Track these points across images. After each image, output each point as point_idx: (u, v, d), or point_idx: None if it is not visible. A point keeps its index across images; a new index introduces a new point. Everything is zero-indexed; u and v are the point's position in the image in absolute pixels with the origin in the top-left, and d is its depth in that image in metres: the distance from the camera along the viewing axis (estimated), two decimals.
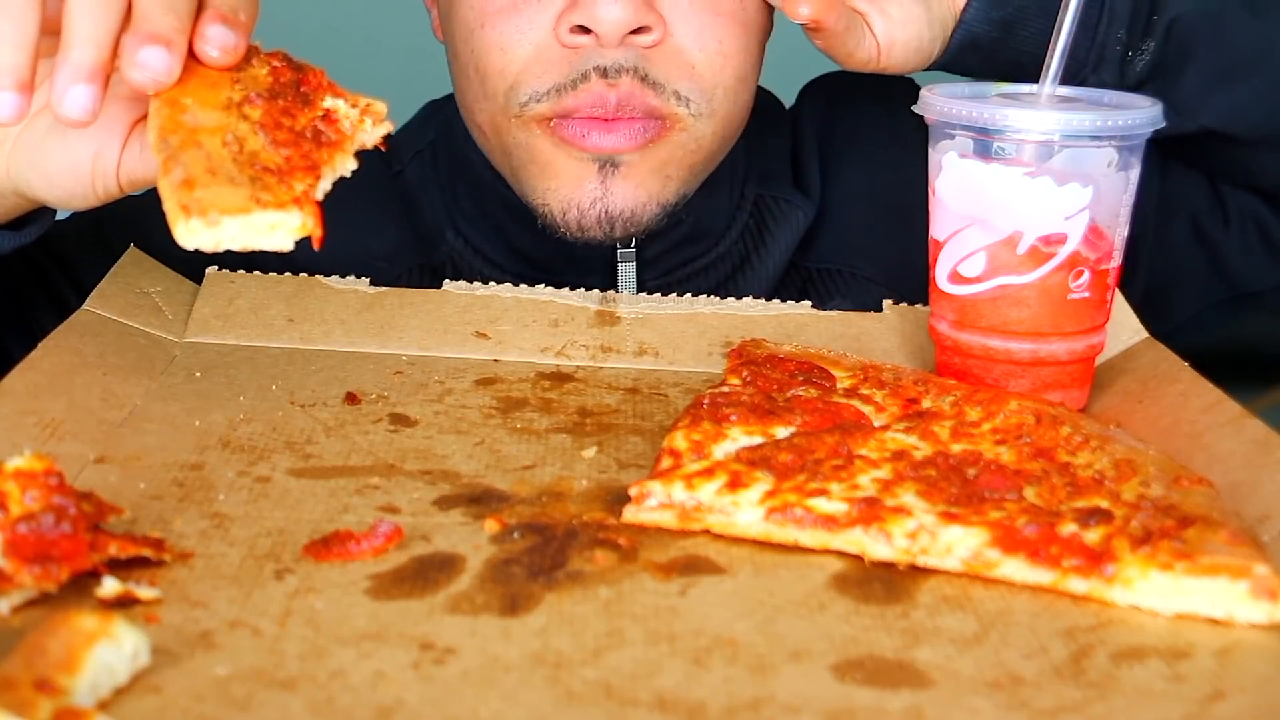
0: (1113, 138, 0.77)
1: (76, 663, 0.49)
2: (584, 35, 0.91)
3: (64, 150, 0.74)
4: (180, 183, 0.63)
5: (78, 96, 0.66)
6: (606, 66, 0.91)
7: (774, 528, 0.65)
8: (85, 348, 0.81)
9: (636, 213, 0.95)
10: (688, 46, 0.94)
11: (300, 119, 0.69)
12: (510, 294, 0.94)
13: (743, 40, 0.96)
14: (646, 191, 0.95)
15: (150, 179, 0.72)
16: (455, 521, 0.66)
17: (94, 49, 0.66)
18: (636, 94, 0.92)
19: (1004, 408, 0.73)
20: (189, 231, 0.62)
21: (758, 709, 0.52)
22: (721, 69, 0.95)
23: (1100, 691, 0.54)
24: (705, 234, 1.06)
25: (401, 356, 0.87)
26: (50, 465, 0.58)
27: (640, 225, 0.96)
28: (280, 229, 0.64)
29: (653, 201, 0.96)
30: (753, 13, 0.96)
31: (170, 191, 0.63)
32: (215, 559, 0.61)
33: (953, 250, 0.81)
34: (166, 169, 0.64)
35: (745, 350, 0.82)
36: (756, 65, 0.99)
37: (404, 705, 0.51)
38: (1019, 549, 0.62)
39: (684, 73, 0.94)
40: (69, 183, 0.75)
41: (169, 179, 0.63)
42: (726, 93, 0.96)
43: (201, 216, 0.62)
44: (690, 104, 0.94)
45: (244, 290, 0.92)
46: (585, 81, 0.92)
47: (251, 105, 0.68)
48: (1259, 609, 0.59)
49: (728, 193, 1.07)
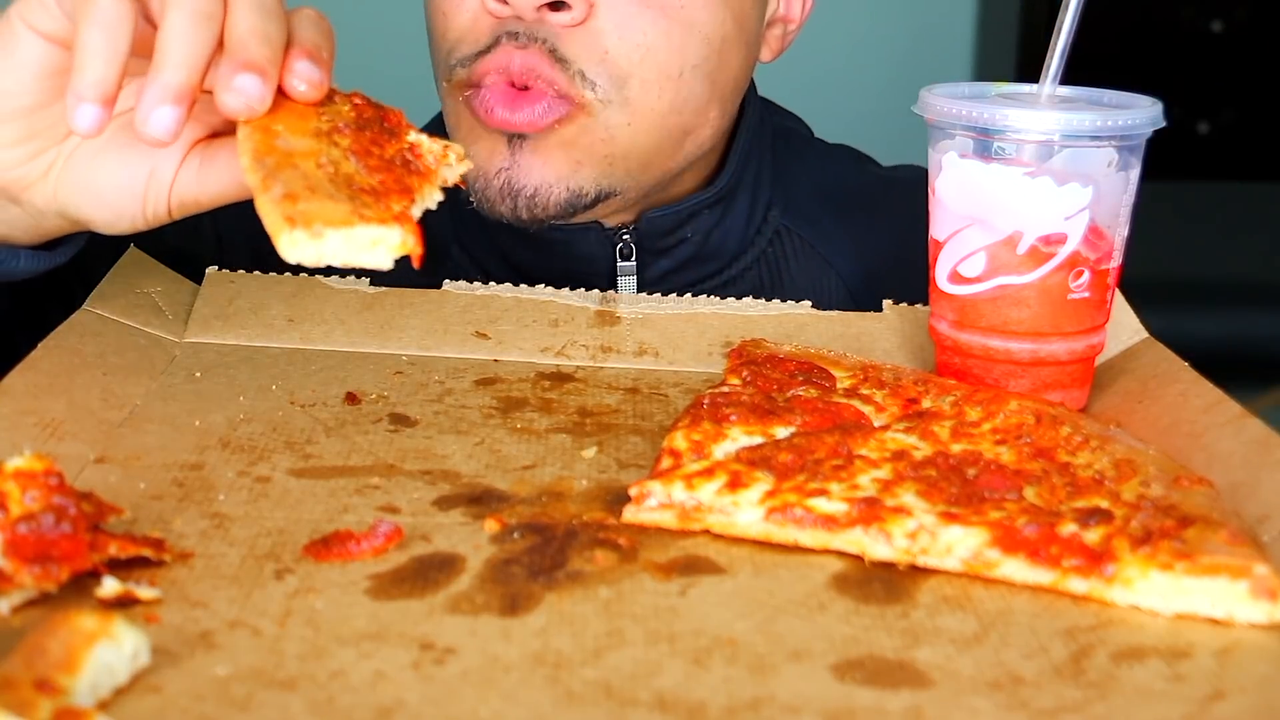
0: (1113, 138, 0.77)
1: (76, 663, 0.49)
2: (504, 5, 0.92)
3: (119, 168, 0.74)
4: (282, 196, 0.63)
5: (164, 117, 0.67)
6: (519, 32, 0.92)
7: (774, 528, 0.65)
8: (85, 348, 0.81)
9: (541, 191, 0.94)
10: (606, 31, 0.92)
11: (388, 149, 0.70)
12: (510, 294, 0.94)
13: (676, 38, 0.94)
14: (554, 171, 0.94)
15: (201, 202, 0.75)
16: (455, 521, 0.66)
17: (186, 72, 0.67)
18: (542, 67, 0.91)
19: (1004, 408, 0.73)
20: (292, 243, 0.62)
21: (758, 709, 0.52)
22: (640, 60, 0.93)
23: (1100, 691, 0.54)
24: (714, 255, 1.04)
25: (401, 356, 0.87)
26: (50, 465, 0.58)
27: (547, 207, 0.95)
28: (381, 245, 0.64)
29: (560, 184, 0.94)
30: (697, 14, 0.94)
31: (272, 205, 0.63)
32: (215, 559, 0.61)
33: (953, 250, 0.81)
34: (266, 186, 0.64)
35: (745, 350, 0.82)
36: (704, 70, 0.96)
37: (404, 705, 0.51)
38: (1019, 549, 0.62)
39: (595, 55, 0.93)
40: (119, 202, 0.75)
41: (269, 195, 0.63)
42: (644, 85, 0.94)
43: (306, 228, 0.62)
44: (597, 89, 0.93)
45: (244, 290, 0.92)
46: (497, 46, 0.92)
47: (340, 134, 0.69)
48: (1259, 609, 0.59)
49: (745, 215, 1.05)
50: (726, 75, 0.98)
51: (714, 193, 1.04)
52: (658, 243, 1.03)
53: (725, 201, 1.04)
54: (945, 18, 3.02)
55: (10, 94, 0.71)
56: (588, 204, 0.96)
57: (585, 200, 0.96)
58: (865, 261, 1.08)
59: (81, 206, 0.75)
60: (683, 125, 0.97)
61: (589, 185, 0.96)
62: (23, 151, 0.73)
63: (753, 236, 1.06)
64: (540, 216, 0.95)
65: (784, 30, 1.06)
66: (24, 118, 0.72)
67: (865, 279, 1.07)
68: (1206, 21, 2.88)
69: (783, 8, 1.05)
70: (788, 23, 1.06)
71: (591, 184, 0.96)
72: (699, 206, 1.04)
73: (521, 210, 0.95)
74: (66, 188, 0.75)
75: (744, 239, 1.06)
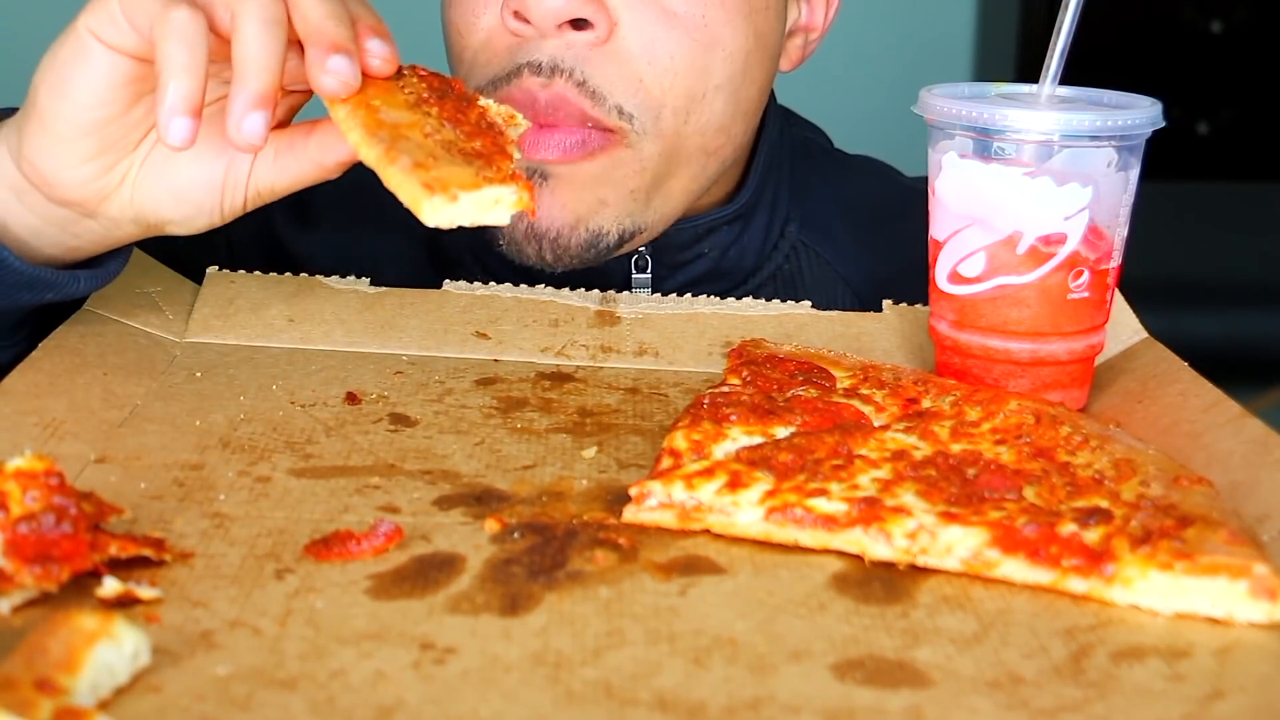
0: (1112, 138, 0.77)
1: (77, 662, 0.49)
2: (525, 24, 0.88)
3: (195, 169, 0.76)
4: (413, 166, 0.67)
5: (254, 123, 0.69)
6: (541, 62, 0.88)
7: (774, 528, 0.65)
8: (85, 348, 0.81)
9: (563, 234, 0.92)
10: (635, 54, 0.89)
11: (470, 115, 0.73)
12: (510, 294, 0.94)
13: (700, 58, 0.91)
14: (574, 213, 0.91)
15: (277, 190, 0.77)
16: (455, 521, 0.66)
17: (268, 77, 0.69)
18: (570, 99, 0.88)
19: (1004, 408, 0.73)
20: (433, 209, 0.66)
21: (758, 709, 0.52)
22: (671, 86, 0.90)
23: (1100, 691, 0.54)
24: (730, 272, 1.03)
25: (402, 356, 0.87)
26: (51, 465, 0.58)
27: (569, 250, 0.92)
28: (502, 204, 0.67)
29: (581, 225, 0.92)
30: (720, 31, 0.91)
31: (405, 176, 0.66)
32: (216, 559, 0.61)
33: (952, 250, 0.81)
34: (391, 159, 0.67)
35: (745, 350, 0.82)
36: (727, 90, 0.93)
37: (404, 705, 0.51)
38: (1019, 549, 0.62)
39: (629, 85, 0.89)
40: (197, 201, 0.77)
41: (397, 166, 0.67)
42: (676, 113, 0.91)
43: (444, 193, 0.66)
44: (634, 120, 0.90)
45: (244, 290, 0.92)
46: (518, 77, 0.89)
47: (428, 104, 0.72)
48: (1259, 608, 0.59)
49: (763, 231, 1.03)
50: (749, 92, 0.95)
51: (734, 209, 1.02)
52: (674, 257, 1.01)
53: (744, 218, 1.02)
54: (945, 18, 3.02)
55: (86, 107, 0.73)
56: (610, 245, 0.93)
57: (607, 241, 0.93)
58: (880, 276, 1.05)
59: (160, 210, 0.77)
60: (705, 146, 0.94)
61: (610, 225, 0.93)
62: (99, 165, 0.74)
63: (769, 252, 1.04)
64: (564, 260, 0.93)
65: (805, 40, 1.03)
66: (98, 131, 0.73)
67: (879, 294, 1.06)
68: (1206, 21, 2.88)
69: (804, 17, 1.02)
70: (809, 31, 1.02)
71: (614, 224, 0.93)
72: (718, 222, 1.01)
73: (546, 253, 0.92)
74: (143, 193, 0.76)
75: (760, 255, 1.04)
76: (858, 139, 1.25)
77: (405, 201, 0.66)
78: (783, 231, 1.05)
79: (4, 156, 0.76)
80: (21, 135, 0.74)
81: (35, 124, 0.73)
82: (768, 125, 1.05)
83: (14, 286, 0.79)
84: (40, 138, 0.73)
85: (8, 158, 0.76)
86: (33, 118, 0.73)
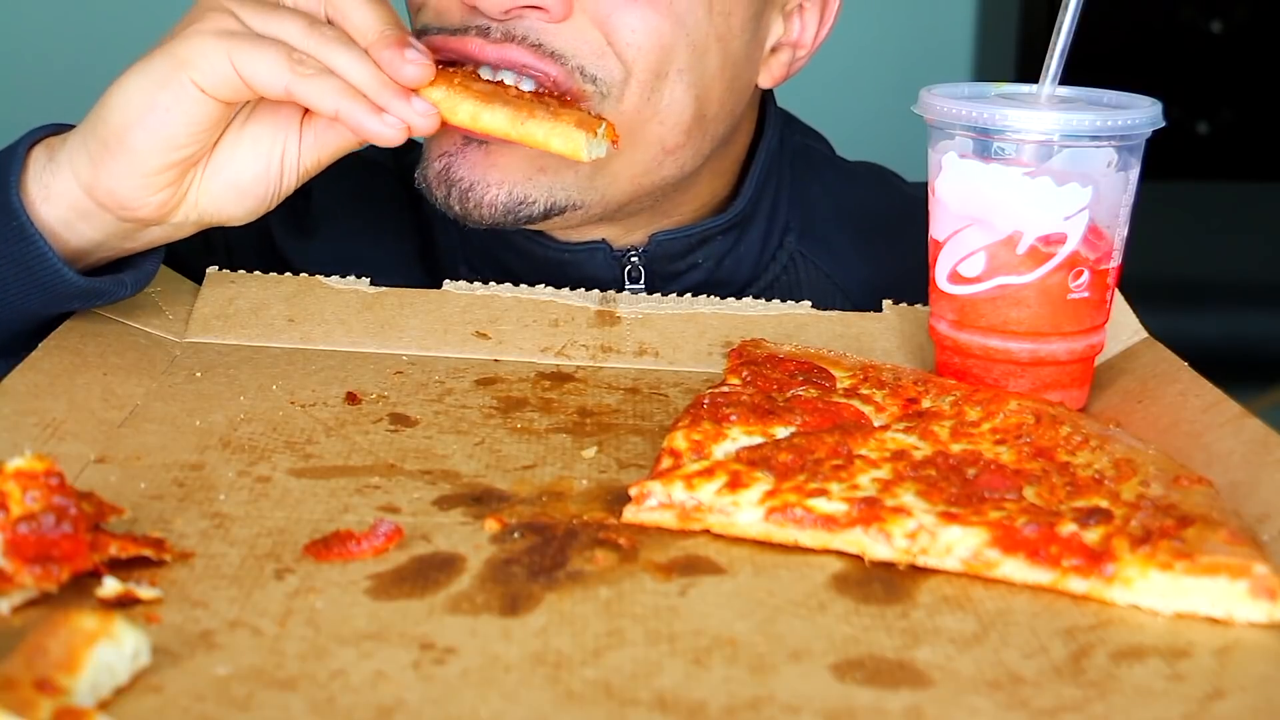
0: (1112, 138, 0.77)
1: (77, 662, 0.49)
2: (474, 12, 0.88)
3: (253, 159, 0.81)
4: (547, 116, 0.79)
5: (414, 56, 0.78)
6: (490, 28, 0.88)
7: (774, 528, 0.65)
8: (85, 348, 0.81)
9: (476, 189, 0.90)
10: (595, 25, 0.88)
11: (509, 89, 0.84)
12: (510, 294, 0.94)
13: (666, 33, 0.89)
14: (500, 173, 0.90)
15: (322, 162, 0.83)
16: (455, 521, 0.66)
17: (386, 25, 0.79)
18: (527, 61, 0.87)
19: (1004, 408, 0.73)
20: (590, 149, 0.79)
21: (758, 709, 0.52)
22: (635, 58, 0.89)
23: (1100, 691, 0.54)
24: (726, 282, 1.01)
25: (402, 356, 0.87)
26: (51, 465, 0.58)
27: (480, 206, 0.90)
28: (604, 142, 0.81)
29: (501, 187, 0.90)
30: (682, 11, 0.90)
31: (552, 123, 0.79)
32: (215, 559, 0.61)
33: (952, 250, 0.81)
34: (520, 119, 0.79)
35: (745, 350, 0.82)
36: (688, 77, 0.91)
37: (404, 705, 0.51)
38: (1019, 549, 0.62)
39: (594, 49, 0.88)
40: (256, 190, 0.82)
41: (535, 120, 0.79)
42: (641, 86, 0.90)
43: (591, 134, 0.79)
44: (598, 82, 0.89)
45: (244, 290, 0.92)
46: (466, 34, 0.89)
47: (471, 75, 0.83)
48: (1258, 608, 0.59)
49: (759, 241, 1.02)
50: (711, 93, 0.93)
51: (728, 218, 1.00)
52: (668, 267, 1.00)
53: (740, 227, 1.01)
54: (945, 18, 3.02)
55: (179, 147, 0.77)
56: (535, 215, 0.91)
57: (532, 210, 0.91)
58: (879, 287, 1.02)
59: (223, 207, 0.82)
60: (663, 140, 0.93)
61: (538, 194, 0.91)
62: (175, 188, 0.79)
63: (767, 262, 1.03)
64: (474, 215, 0.91)
65: (792, 56, 1.01)
66: (184, 162, 0.78)
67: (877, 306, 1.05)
68: (1206, 21, 2.88)
69: (795, 33, 1.00)
70: (797, 48, 1.00)
71: (543, 193, 0.91)
72: (712, 232, 1.00)
73: (454, 202, 0.91)
74: (208, 195, 0.81)
75: (758, 265, 1.03)
76: (857, 139, 1.25)
77: (558, 148, 0.77)
78: (781, 241, 1.04)
79: (68, 180, 0.79)
80: (98, 167, 0.77)
81: (120, 159, 0.77)
82: (766, 132, 1.04)
83: (68, 298, 0.82)
84: (124, 172, 0.77)
85: (73, 182, 0.79)
86: (115, 152, 0.77)
